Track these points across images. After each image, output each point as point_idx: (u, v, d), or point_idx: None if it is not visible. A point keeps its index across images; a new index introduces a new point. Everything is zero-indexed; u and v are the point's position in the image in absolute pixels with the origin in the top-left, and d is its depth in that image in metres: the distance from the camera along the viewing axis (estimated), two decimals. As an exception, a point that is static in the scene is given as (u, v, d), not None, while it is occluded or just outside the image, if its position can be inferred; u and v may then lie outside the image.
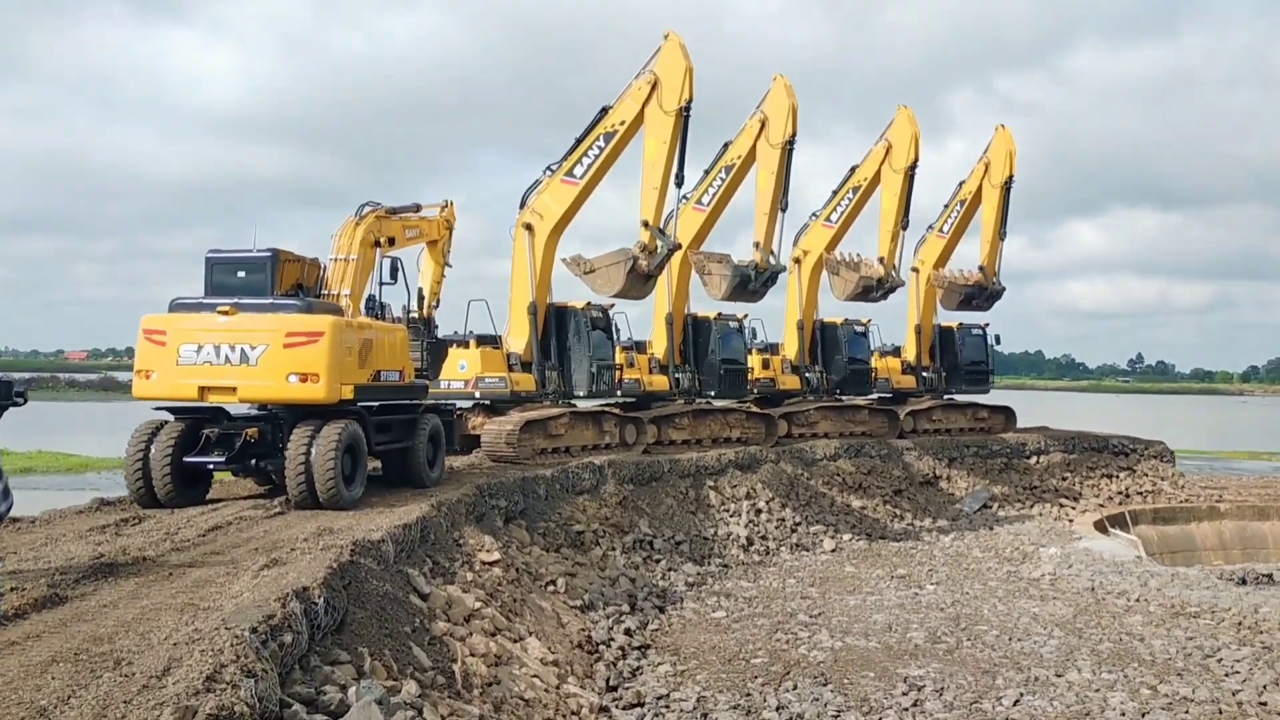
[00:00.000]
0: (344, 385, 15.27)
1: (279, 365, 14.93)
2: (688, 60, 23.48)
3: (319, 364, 14.91)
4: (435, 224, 20.25)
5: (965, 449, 33.24)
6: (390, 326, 17.36)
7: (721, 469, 26.57)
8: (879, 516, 28.89)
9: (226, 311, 15.17)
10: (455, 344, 25.08)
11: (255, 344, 14.96)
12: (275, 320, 15.11)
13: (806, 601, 20.35)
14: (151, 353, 15.26)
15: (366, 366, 16.01)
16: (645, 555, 21.60)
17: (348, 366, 15.40)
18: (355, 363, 15.64)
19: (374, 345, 16.27)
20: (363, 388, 15.85)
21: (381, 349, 16.55)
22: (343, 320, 15.54)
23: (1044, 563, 24.29)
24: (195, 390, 15.08)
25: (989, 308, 34.25)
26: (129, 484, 15.31)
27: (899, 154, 30.58)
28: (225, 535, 12.68)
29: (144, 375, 15.32)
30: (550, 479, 20.95)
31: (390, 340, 17.03)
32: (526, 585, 16.14)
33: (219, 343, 15.02)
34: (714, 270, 27.19)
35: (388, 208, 18.05)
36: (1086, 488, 33.60)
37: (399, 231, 18.30)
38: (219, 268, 16.12)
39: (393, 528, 13.36)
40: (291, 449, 14.99)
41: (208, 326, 15.15)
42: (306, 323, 15.07)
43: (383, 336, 16.71)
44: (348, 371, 15.39)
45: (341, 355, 15.19)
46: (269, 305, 15.40)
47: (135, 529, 13.04)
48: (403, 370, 17.46)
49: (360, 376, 15.78)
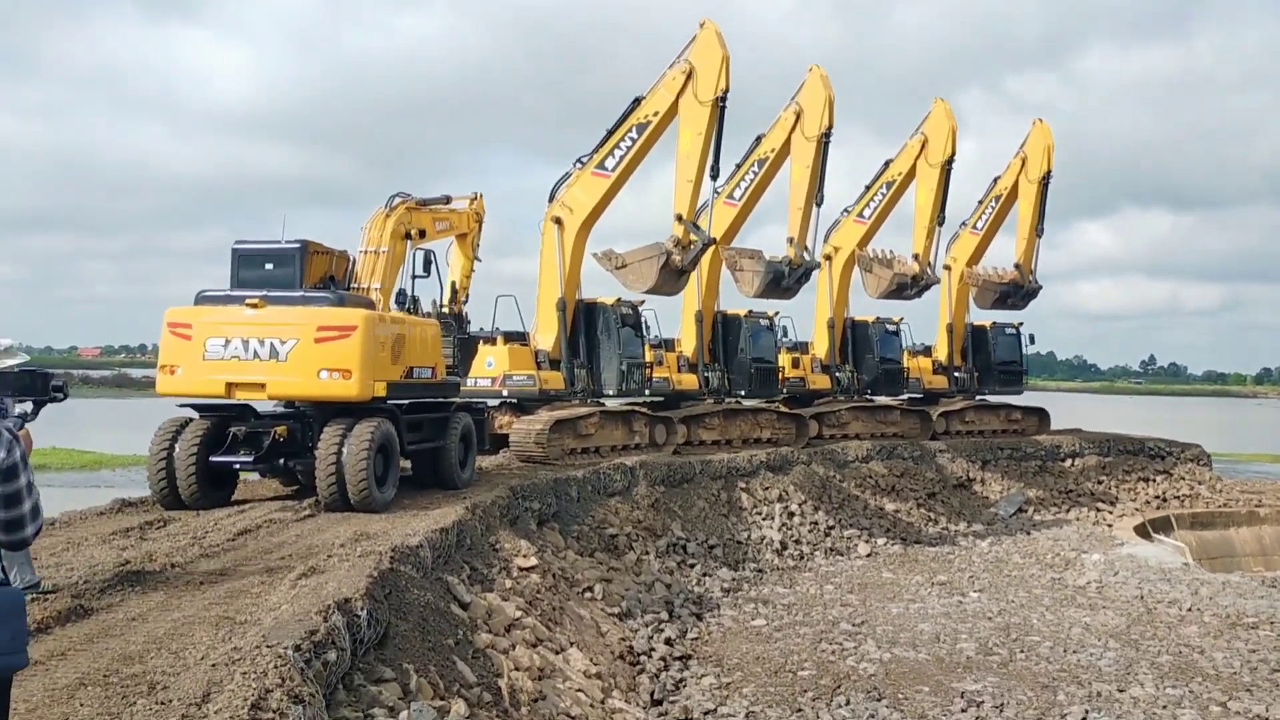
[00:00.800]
0: (377, 382, 14.63)
1: (310, 360, 14.28)
2: (724, 49, 22.78)
3: (352, 359, 14.26)
4: (465, 216, 19.63)
5: (999, 451, 32.47)
6: (422, 321, 16.72)
7: (753, 470, 25.87)
8: (913, 520, 28.14)
9: (255, 304, 14.53)
10: (483, 341, 24.48)
11: (285, 338, 14.31)
12: (306, 314, 14.46)
13: (847, 609, 19.64)
14: (176, 347, 14.62)
15: (399, 363, 15.36)
16: (679, 560, 20.94)
17: (380, 362, 14.74)
18: (388, 358, 14.98)
19: (407, 341, 15.60)
20: (395, 385, 15.20)
21: (414, 345, 15.89)
22: (376, 314, 14.93)
23: (1088, 570, 23.54)
24: (222, 386, 14.44)
25: (1024, 306, 33.46)
26: (152, 484, 14.69)
27: (935, 148, 29.79)
28: (256, 540, 12.04)
29: (169, 370, 14.67)
30: (582, 480, 20.32)
31: (423, 336, 16.37)
32: (564, 592, 15.49)
33: (247, 337, 14.37)
34: (746, 267, 26.50)
35: (418, 199, 17.41)
36: (1123, 491, 32.78)
37: (429, 224, 17.66)
38: (246, 259, 15.48)
39: (430, 532, 12.72)
40: (322, 448, 14.35)
41: (235, 320, 14.49)
42: (339, 316, 14.43)
43: (415, 331, 16.06)
44: (380, 368, 14.73)
45: (375, 350, 14.54)
46: (300, 298, 14.76)
47: (160, 532, 12.41)
48: (435, 367, 16.78)
49: (393, 373, 15.13)
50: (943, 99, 30.25)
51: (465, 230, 19.87)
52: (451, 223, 18.98)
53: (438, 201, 18.23)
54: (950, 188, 29.75)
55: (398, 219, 16.55)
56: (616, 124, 23.67)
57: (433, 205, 17.96)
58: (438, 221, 18.16)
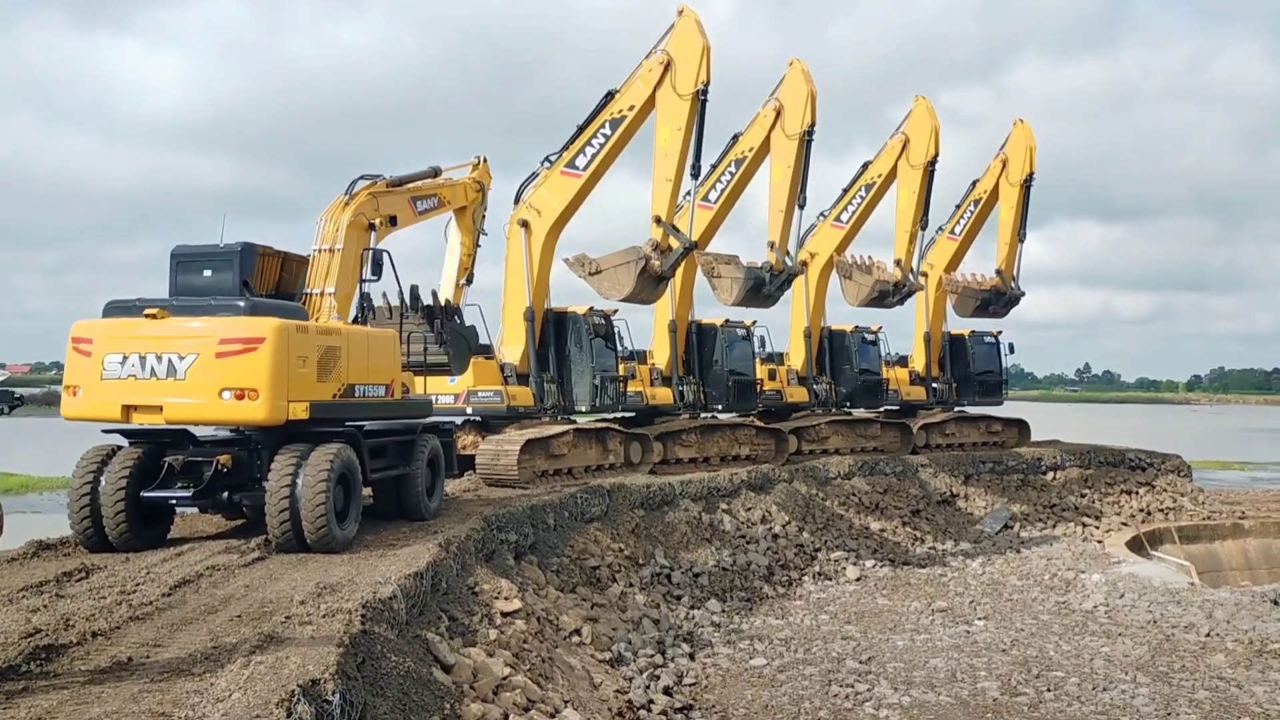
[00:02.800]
0: (294, 403, 12.36)
1: (211, 379, 12.12)
2: (705, 38, 21.20)
3: (258, 378, 12.07)
4: (461, 188, 17.96)
5: (980, 465, 31.22)
6: (371, 332, 14.52)
7: (734, 490, 24.30)
8: (899, 540, 26.73)
9: (154, 315, 12.39)
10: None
11: (185, 353, 12.20)
12: (208, 325, 12.30)
13: (849, 643, 18.07)
14: (78, 365, 12.58)
15: (332, 379, 13.15)
16: (665, 591, 19.28)
17: (300, 380, 12.50)
18: (311, 375, 12.72)
19: (343, 354, 13.37)
20: (325, 406, 12.93)
21: (356, 359, 13.68)
22: (292, 324, 12.51)
23: (1092, 592, 22.23)
24: (119, 409, 12.38)
25: (1006, 314, 32.27)
26: (74, 524, 12.67)
27: (917, 148, 28.46)
28: (196, 594, 10.12)
29: (71, 391, 12.60)
30: (559, 506, 18.59)
31: (369, 347, 14.11)
32: (551, 638, 13.71)
33: (145, 352, 12.29)
34: (724, 273, 24.87)
35: (391, 179, 15.55)
36: (1106, 505, 31.71)
37: (403, 207, 15.83)
38: (184, 264, 13.44)
39: (402, 578, 10.92)
40: (273, 480, 12.44)
41: (134, 333, 12.41)
42: (244, 327, 12.19)
43: (358, 343, 13.86)
44: (300, 386, 12.49)
45: (289, 366, 12.30)
46: (206, 307, 12.58)
47: (81, 587, 10.41)
48: (390, 384, 14.63)
49: (320, 392, 12.88)
50: (924, 97, 28.96)
51: (464, 203, 18.27)
52: (442, 198, 17.27)
53: (421, 177, 16.45)
54: (933, 190, 28.43)
55: (357, 207, 14.68)
56: (588, 119, 21.97)
57: (413, 183, 16.18)
58: (420, 200, 16.44)
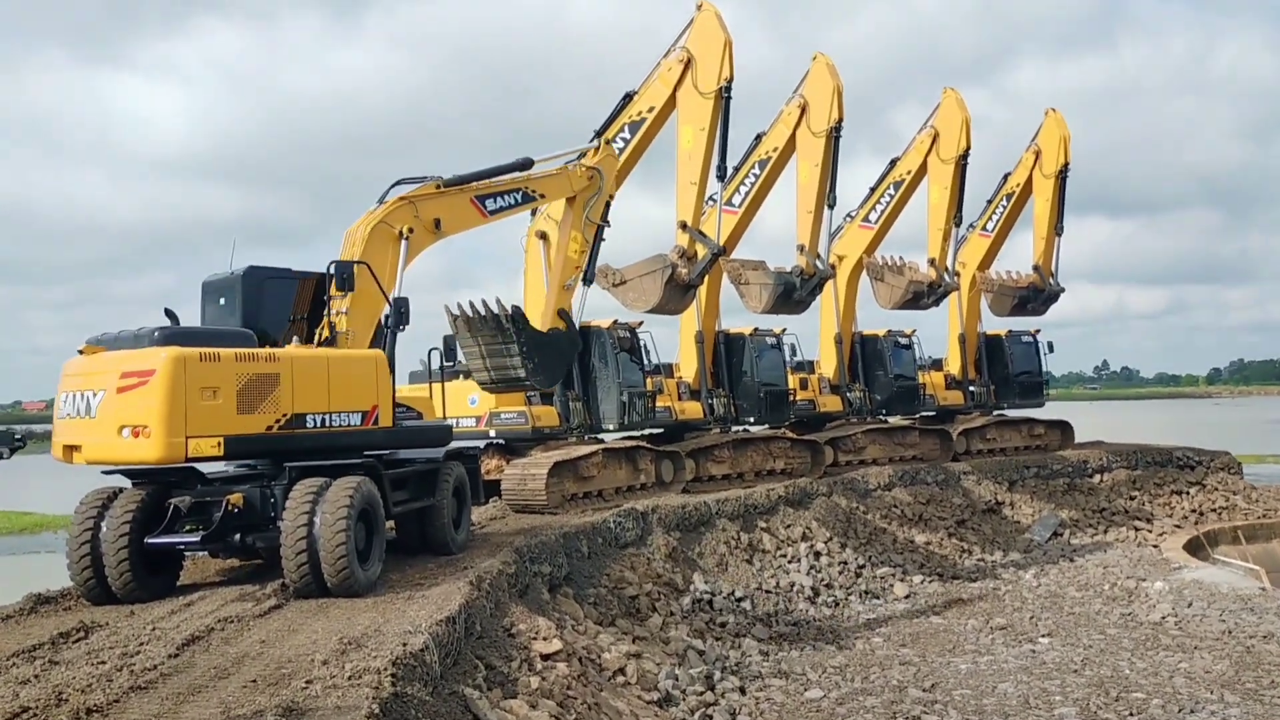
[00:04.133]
0: (197, 439, 11.17)
1: (111, 415, 11.30)
2: (726, 32, 20.17)
3: (149, 413, 11.04)
4: (563, 178, 16.74)
5: (1025, 470, 29.96)
6: (337, 355, 12.82)
7: (772, 507, 23.15)
8: (946, 552, 25.51)
9: (84, 350, 12.02)
10: (463, 376, 21.62)
11: (97, 389, 11.52)
12: (115, 359, 11.61)
13: (909, 669, 16.89)
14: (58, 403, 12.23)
15: (267, 410, 11.76)
16: (707, 618, 18.11)
17: (206, 413, 11.24)
18: (227, 407, 11.42)
19: (283, 381, 11.97)
20: (250, 440, 11.67)
21: (306, 385, 12.19)
22: (192, 353, 11.29)
23: (1157, 601, 20.99)
24: (61, 449, 11.96)
25: (1045, 311, 31.03)
26: (74, 574, 11.65)
27: (948, 142, 27.32)
28: (207, 654, 9.04)
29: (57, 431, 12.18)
30: (592, 533, 17.52)
31: (331, 372, 12.49)
32: (594, 680, 12.60)
33: (77, 390, 11.80)
34: (752, 280, 23.81)
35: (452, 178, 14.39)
36: (1157, 507, 30.39)
37: (462, 208, 14.71)
38: (207, 294, 13.09)
39: (433, 625, 9.83)
40: (289, 519, 11.39)
41: (74, 371, 12.08)
42: (139, 359, 11.30)
43: (311, 368, 12.31)
44: (206, 420, 11.24)
45: (189, 399, 11.12)
46: (130, 338, 11.81)
47: (79, 649, 9.34)
48: (371, 410, 12.85)
49: (244, 425, 11.58)
50: (952, 89, 27.84)
51: (568, 193, 17.01)
52: (531, 192, 15.98)
53: (500, 171, 15.14)
54: (966, 184, 27.27)
55: (384, 215, 13.52)
56: (606, 123, 20.93)
57: (487, 179, 14.96)
58: (492, 198, 15.18)
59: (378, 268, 13.41)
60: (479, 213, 15.08)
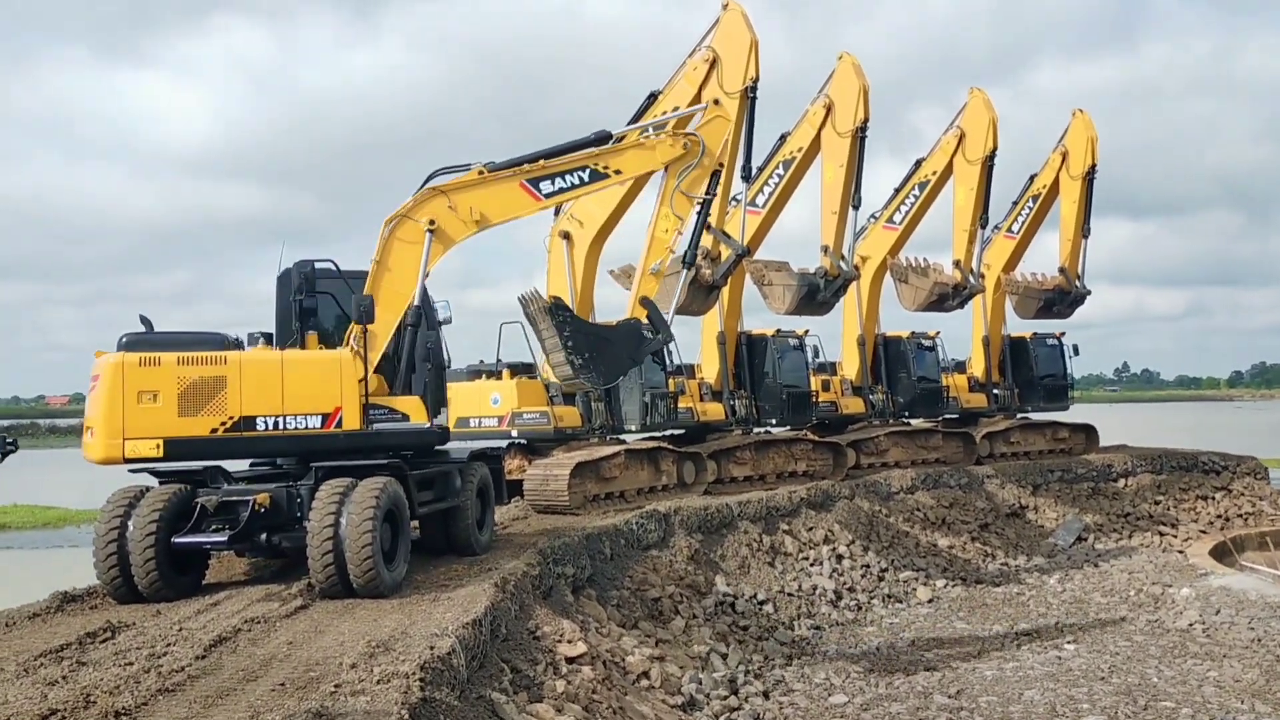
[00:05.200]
0: (134, 440, 11.58)
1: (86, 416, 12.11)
2: (752, 32, 20.03)
3: (95, 415, 11.74)
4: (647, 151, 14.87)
5: (1049, 474, 29.74)
6: (292, 356, 12.60)
7: (794, 509, 23.02)
8: (969, 556, 25.35)
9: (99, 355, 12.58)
10: (485, 375, 21.61)
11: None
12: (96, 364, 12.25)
13: (934, 674, 16.75)
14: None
15: (209, 413, 11.83)
16: (730, 621, 18.01)
17: (144, 415, 11.61)
18: (167, 410, 11.69)
19: (229, 384, 11.98)
20: (192, 442, 11.81)
21: (257, 387, 12.09)
22: (131, 358, 11.74)
23: (1184, 608, 20.76)
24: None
25: (1070, 314, 30.78)
26: (100, 573, 11.66)
27: (974, 142, 27.12)
28: (234, 655, 9.02)
29: None
30: (614, 535, 17.44)
31: (286, 374, 12.28)
32: (619, 685, 12.54)
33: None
34: (775, 280, 23.71)
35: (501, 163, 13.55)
36: (1182, 512, 30.13)
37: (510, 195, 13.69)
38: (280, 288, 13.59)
39: (459, 628, 9.78)
40: (315, 519, 11.39)
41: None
42: (97, 365, 11.93)
43: (262, 370, 12.19)
44: (144, 422, 11.59)
45: (125, 402, 11.59)
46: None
47: (106, 650, 9.34)
48: (334, 413, 12.38)
49: (186, 428, 11.74)
50: (979, 89, 27.65)
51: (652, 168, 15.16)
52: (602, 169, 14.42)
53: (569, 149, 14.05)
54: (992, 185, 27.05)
55: (408, 208, 13.14)
56: (631, 121, 20.80)
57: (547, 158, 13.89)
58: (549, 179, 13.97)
59: (400, 265, 13.10)
60: (530, 197, 13.94)
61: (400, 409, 12.84)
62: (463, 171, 13.57)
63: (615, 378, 15.17)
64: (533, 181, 13.86)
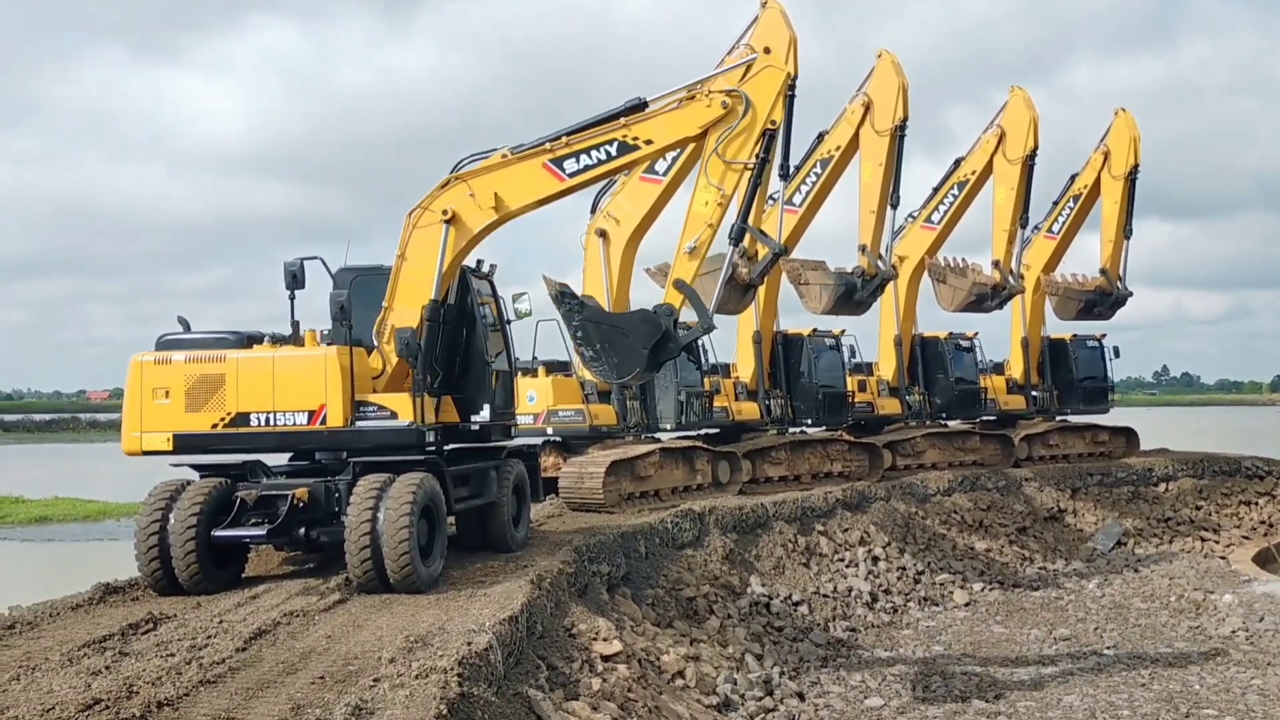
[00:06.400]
0: (149, 435, 12.46)
1: None
2: (792, 29, 19.89)
3: (124, 411, 12.78)
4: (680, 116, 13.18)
5: (1088, 477, 29.34)
6: (283, 355, 12.65)
7: (829, 510, 22.87)
8: (1007, 560, 25.09)
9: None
10: (521, 372, 21.61)
11: None
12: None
13: (971, 679, 16.57)
14: None
15: (209, 409, 12.36)
16: (765, 621, 17.90)
17: (158, 412, 12.45)
18: (176, 407, 12.41)
19: (228, 382, 12.39)
20: (196, 437, 12.39)
21: (250, 385, 12.37)
22: (148, 357, 12.61)
23: (1226, 615, 20.42)
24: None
25: (1111, 316, 30.37)
26: (142, 565, 11.80)
27: (1015, 141, 26.83)
28: (273, 648, 9.08)
29: None
30: (649, 533, 17.40)
31: (276, 372, 12.45)
32: (654, 683, 12.52)
33: None
34: (812, 280, 23.57)
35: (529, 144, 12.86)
36: (1224, 517, 29.68)
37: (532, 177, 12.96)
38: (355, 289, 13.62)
39: (496, 624, 9.79)
40: (353, 514, 11.46)
41: None
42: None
43: (255, 369, 12.44)
44: (157, 418, 12.44)
45: (144, 399, 12.51)
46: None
47: (147, 641, 9.43)
48: (317, 410, 12.33)
49: (191, 423, 12.36)
50: (1020, 88, 27.37)
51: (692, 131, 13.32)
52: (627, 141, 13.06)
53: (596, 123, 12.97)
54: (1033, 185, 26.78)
55: (428, 199, 13.02)
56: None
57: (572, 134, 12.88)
58: (574, 157, 12.96)
59: (418, 258, 12.98)
60: (554, 178, 13.04)
61: (390, 406, 12.57)
62: (486, 155, 13.15)
63: (629, 372, 13.22)
64: (556, 161, 13.03)
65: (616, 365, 13.08)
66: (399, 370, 13.03)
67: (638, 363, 13.04)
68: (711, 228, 13.31)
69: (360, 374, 12.60)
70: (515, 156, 13.03)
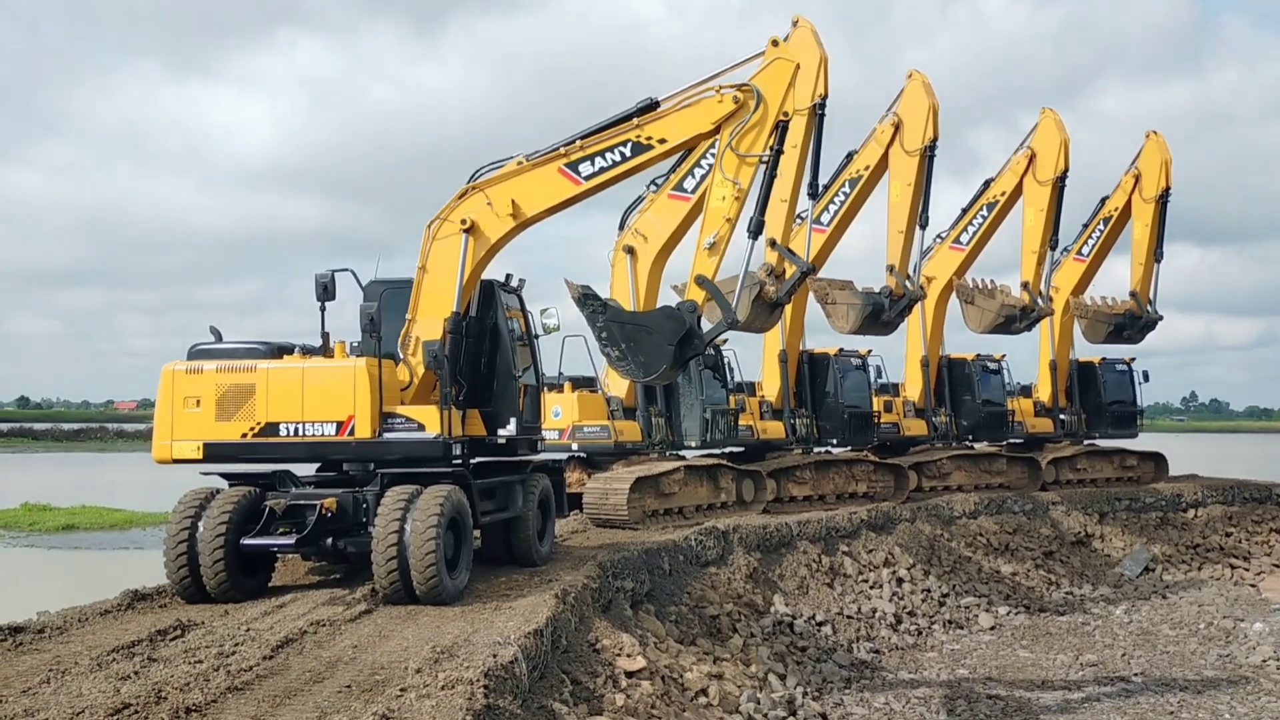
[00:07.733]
0: (180, 443, 12.52)
1: None
2: (822, 49, 20.00)
3: (156, 418, 12.84)
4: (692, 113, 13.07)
5: (1116, 502, 29.06)
6: (313, 366, 12.65)
7: (854, 531, 22.76)
8: (1033, 584, 24.84)
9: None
10: (547, 387, 21.66)
11: None
12: None
13: (997, 703, 16.41)
14: None
15: (239, 419, 12.45)
16: (788, 641, 17.82)
17: (189, 421, 12.53)
18: (206, 416, 12.50)
19: (258, 391, 12.45)
20: (226, 446, 12.49)
21: (280, 395, 12.45)
22: (180, 366, 12.69)
23: (1257, 643, 20.14)
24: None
25: (1141, 339, 30.11)
26: (170, 573, 11.87)
27: (1045, 163, 26.73)
28: (300, 656, 9.12)
29: None
30: (674, 550, 17.37)
31: (306, 382, 12.50)
32: (678, 700, 12.46)
33: None
34: (839, 299, 23.52)
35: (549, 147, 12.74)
36: (1255, 545, 29.27)
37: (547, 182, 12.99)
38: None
39: (522, 638, 9.78)
40: (380, 526, 11.50)
41: None
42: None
43: (285, 379, 12.49)
44: (189, 426, 12.51)
45: (175, 408, 12.59)
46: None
47: (175, 647, 9.49)
48: (347, 421, 12.40)
49: (221, 432, 12.46)
50: (1051, 109, 27.27)
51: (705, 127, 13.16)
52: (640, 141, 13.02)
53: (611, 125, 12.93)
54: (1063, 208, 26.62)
55: (445, 210, 13.07)
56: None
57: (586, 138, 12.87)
58: (589, 160, 12.96)
59: (439, 270, 13.06)
60: (570, 182, 13.00)
61: (417, 419, 12.62)
62: (501, 164, 13.20)
63: (655, 370, 12.96)
64: (571, 166, 13.05)
65: (643, 364, 12.95)
66: (426, 382, 13.08)
67: (664, 360, 12.87)
68: (729, 222, 13.13)
69: (389, 386, 12.64)
70: (531, 163, 13.11)
